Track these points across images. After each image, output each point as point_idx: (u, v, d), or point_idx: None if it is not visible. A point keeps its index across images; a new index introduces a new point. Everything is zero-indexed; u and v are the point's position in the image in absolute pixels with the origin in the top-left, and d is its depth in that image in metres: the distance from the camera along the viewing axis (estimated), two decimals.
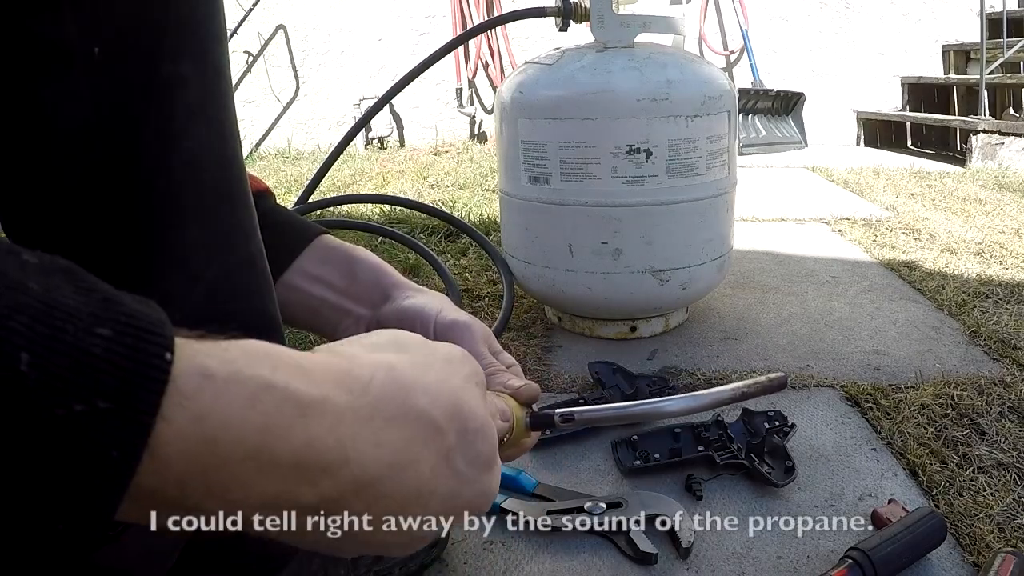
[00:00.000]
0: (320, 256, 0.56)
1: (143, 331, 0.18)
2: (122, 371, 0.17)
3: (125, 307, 0.18)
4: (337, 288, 0.55)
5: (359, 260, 0.56)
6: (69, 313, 0.17)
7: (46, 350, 0.16)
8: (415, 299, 0.53)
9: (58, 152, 0.37)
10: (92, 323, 0.17)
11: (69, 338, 0.16)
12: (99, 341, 0.17)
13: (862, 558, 0.62)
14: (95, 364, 0.16)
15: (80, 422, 0.16)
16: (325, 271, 0.55)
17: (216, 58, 0.42)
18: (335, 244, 0.57)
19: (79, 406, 0.16)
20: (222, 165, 0.43)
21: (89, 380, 0.16)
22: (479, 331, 0.50)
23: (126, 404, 0.17)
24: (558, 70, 1.11)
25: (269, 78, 3.98)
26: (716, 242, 1.16)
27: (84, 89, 0.36)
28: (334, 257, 0.56)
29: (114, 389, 0.16)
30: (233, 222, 0.44)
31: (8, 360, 0.15)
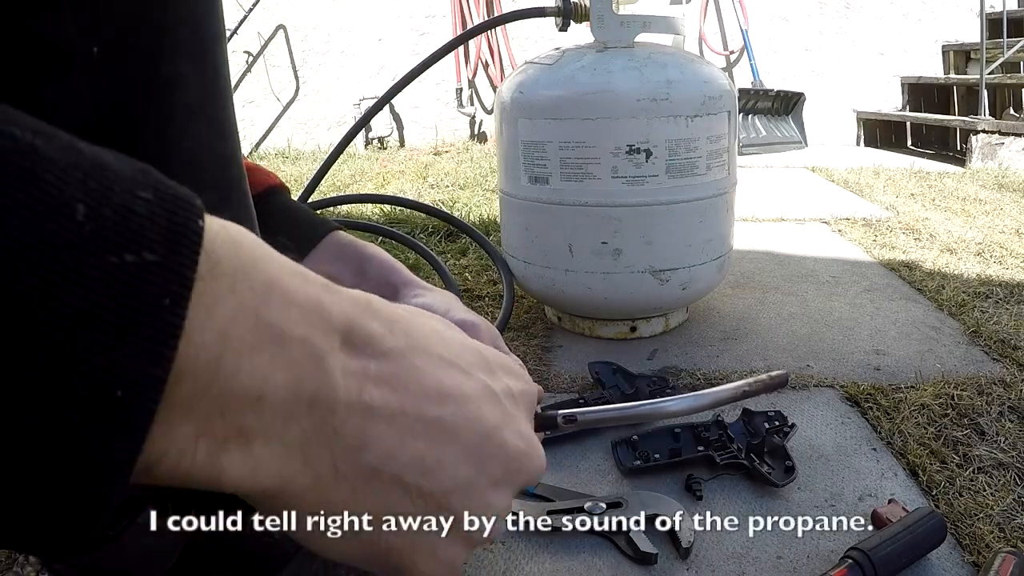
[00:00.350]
0: (331, 253, 0.56)
1: (179, 199, 0.19)
2: (164, 230, 0.18)
3: (162, 178, 0.19)
4: (347, 284, 0.55)
5: (370, 257, 0.56)
6: (116, 174, 0.18)
7: (99, 203, 0.17)
8: (424, 298, 0.53)
9: None
10: (135, 185, 0.18)
11: (116, 196, 0.17)
12: (142, 202, 0.18)
13: (862, 558, 0.62)
14: (141, 221, 0.18)
15: (131, 270, 0.17)
16: (335, 268, 0.55)
17: (215, 58, 0.42)
18: (347, 241, 0.57)
19: (129, 256, 0.17)
20: (222, 165, 0.43)
21: (136, 234, 0.17)
22: (487, 331, 0.50)
23: (170, 258, 0.18)
24: (558, 70, 1.11)
25: (269, 78, 3.98)
26: (716, 242, 1.16)
27: (84, 89, 0.36)
28: (345, 254, 0.56)
29: (159, 244, 0.18)
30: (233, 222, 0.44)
31: (67, 210, 0.16)
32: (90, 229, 0.17)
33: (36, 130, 0.17)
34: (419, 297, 0.53)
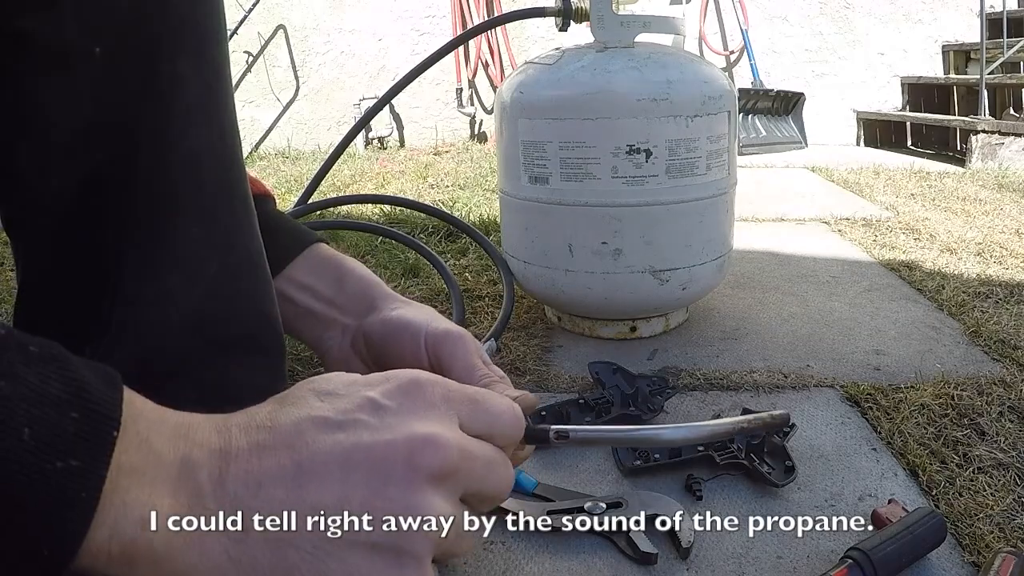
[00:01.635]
0: (310, 265, 0.56)
1: (101, 415, 0.26)
2: (85, 443, 0.25)
3: (92, 395, 0.26)
4: (323, 298, 0.55)
5: (348, 271, 0.56)
6: (55, 400, 0.25)
7: (39, 427, 0.24)
8: (402, 311, 0.53)
9: (59, 152, 0.37)
10: (68, 408, 0.25)
11: (52, 419, 0.25)
12: (70, 421, 0.25)
13: (862, 558, 0.62)
14: (69, 437, 0.25)
15: (61, 472, 0.24)
16: (313, 280, 0.55)
17: (215, 58, 0.42)
18: (327, 254, 0.57)
19: (60, 463, 0.24)
20: (222, 165, 0.43)
21: (66, 447, 0.25)
22: (472, 342, 0.50)
23: (90, 464, 0.25)
24: (558, 70, 1.11)
25: (269, 78, 3.98)
26: (716, 242, 1.16)
27: (85, 89, 0.36)
28: (324, 267, 0.56)
29: (81, 453, 0.25)
30: (233, 222, 0.44)
31: (16, 432, 0.24)
32: (32, 444, 0.24)
33: (2, 372, 0.24)
34: (396, 310, 0.53)
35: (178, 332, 0.41)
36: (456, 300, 1.18)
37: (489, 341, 1.11)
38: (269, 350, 0.47)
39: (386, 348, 0.52)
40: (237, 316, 0.44)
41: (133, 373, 0.39)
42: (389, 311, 0.53)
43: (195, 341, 0.42)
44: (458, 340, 0.49)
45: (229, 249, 0.43)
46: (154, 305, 0.40)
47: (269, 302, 0.47)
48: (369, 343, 0.53)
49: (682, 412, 0.97)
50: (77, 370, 0.26)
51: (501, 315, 1.17)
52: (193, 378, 0.42)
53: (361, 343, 0.53)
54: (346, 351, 0.54)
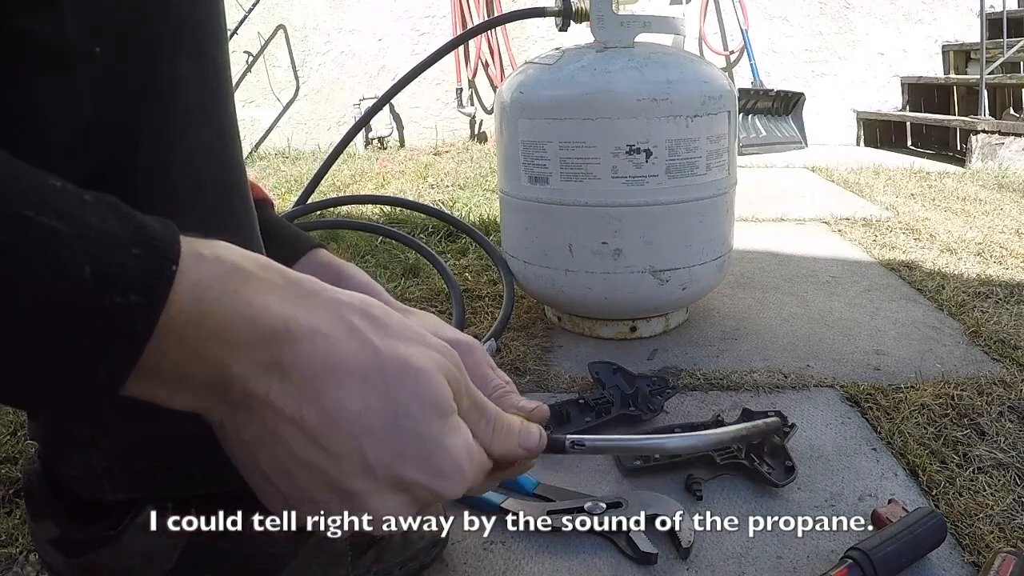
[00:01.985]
0: (310, 271, 0.55)
1: (161, 250, 0.27)
2: (146, 277, 0.27)
3: (150, 231, 0.27)
4: None
5: (348, 278, 0.55)
6: (113, 237, 0.26)
7: (100, 264, 0.25)
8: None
9: (59, 152, 0.37)
10: (128, 244, 0.26)
11: (114, 256, 0.26)
12: (131, 258, 0.26)
13: (862, 558, 0.62)
14: (130, 273, 0.26)
15: (121, 308, 0.26)
16: None
17: (216, 58, 0.42)
18: (326, 260, 0.56)
19: (119, 299, 0.26)
20: (222, 165, 0.43)
21: (126, 283, 0.26)
22: (479, 351, 0.50)
23: (148, 298, 0.27)
24: (558, 70, 1.11)
25: (269, 78, 3.98)
26: (716, 242, 1.16)
27: (85, 89, 0.36)
28: (323, 274, 0.55)
29: (141, 289, 0.26)
30: (233, 222, 0.44)
31: (78, 270, 0.25)
32: (93, 282, 0.25)
33: (60, 213, 0.25)
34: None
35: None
36: (456, 300, 1.18)
37: (489, 341, 1.11)
38: None
39: None
40: None
41: None
42: None
43: None
44: (467, 349, 0.49)
45: None
46: None
47: None
48: None
49: (682, 412, 0.97)
50: (134, 213, 0.28)
51: (501, 315, 1.17)
52: None
53: None
54: None
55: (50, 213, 0.25)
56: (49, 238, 0.25)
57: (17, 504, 0.76)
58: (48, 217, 0.25)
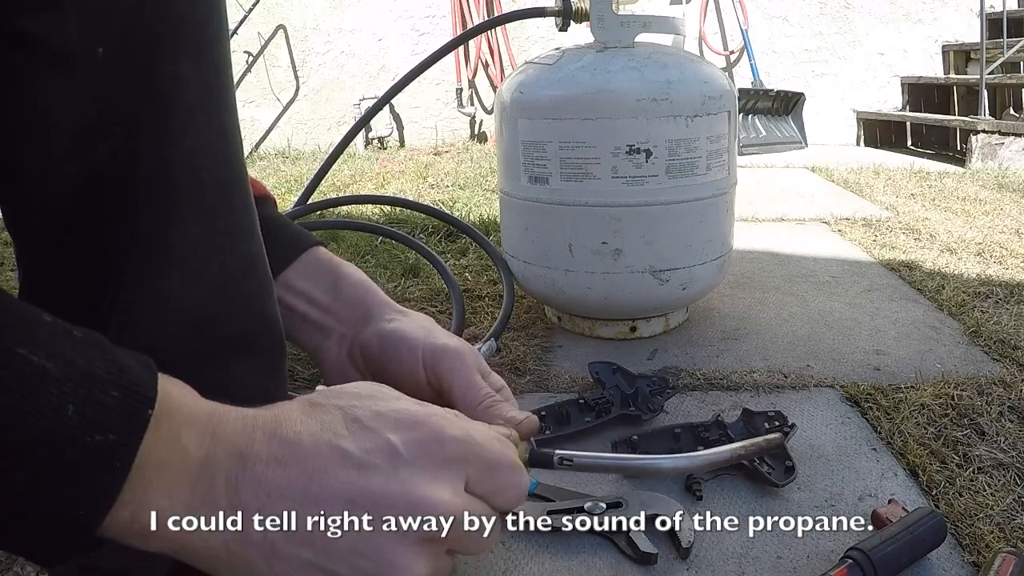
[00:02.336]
0: (307, 270, 0.55)
1: (139, 395, 0.29)
2: (124, 419, 0.28)
3: (131, 375, 0.29)
4: (320, 305, 0.54)
5: (344, 276, 0.55)
6: (98, 380, 0.28)
7: (83, 404, 0.27)
8: (399, 323, 0.52)
9: (59, 152, 0.37)
10: (109, 387, 0.28)
11: (96, 397, 0.28)
12: (112, 399, 0.28)
13: (862, 558, 0.62)
14: (109, 414, 0.28)
15: (99, 445, 0.27)
16: (309, 286, 0.55)
17: (216, 58, 0.42)
18: (324, 259, 0.56)
19: (99, 437, 0.27)
20: (223, 164, 0.43)
21: (106, 423, 0.28)
22: (470, 357, 0.49)
23: (126, 438, 0.28)
24: (558, 70, 1.11)
25: (269, 78, 3.98)
26: (716, 242, 1.16)
27: (86, 89, 0.36)
28: (320, 272, 0.55)
29: (119, 429, 0.28)
30: (233, 222, 0.44)
31: (62, 409, 0.27)
32: (76, 421, 0.27)
33: (50, 352, 0.27)
34: (393, 322, 0.52)
35: (178, 332, 0.41)
36: (456, 300, 1.18)
37: (489, 341, 1.11)
38: (269, 350, 0.47)
39: (383, 362, 0.51)
40: (237, 316, 0.44)
41: None
42: (386, 323, 0.52)
43: (195, 341, 0.42)
44: (456, 356, 0.49)
45: (229, 249, 0.43)
46: (154, 305, 0.40)
47: (269, 302, 0.47)
48: (366, 356, 0.52)
49: (682, 412, 0.97)
50: (118, 354, 0.29)
51: (501, 315, 1.17)
52: (193, 378, 0.42)
53: (358, 355, 0.53)
54: (343, 361, 0.54)
55: (40, 351, 0.27)
56: (39, 376, 0.26)
57: None
58: (38, 356, 0.27)
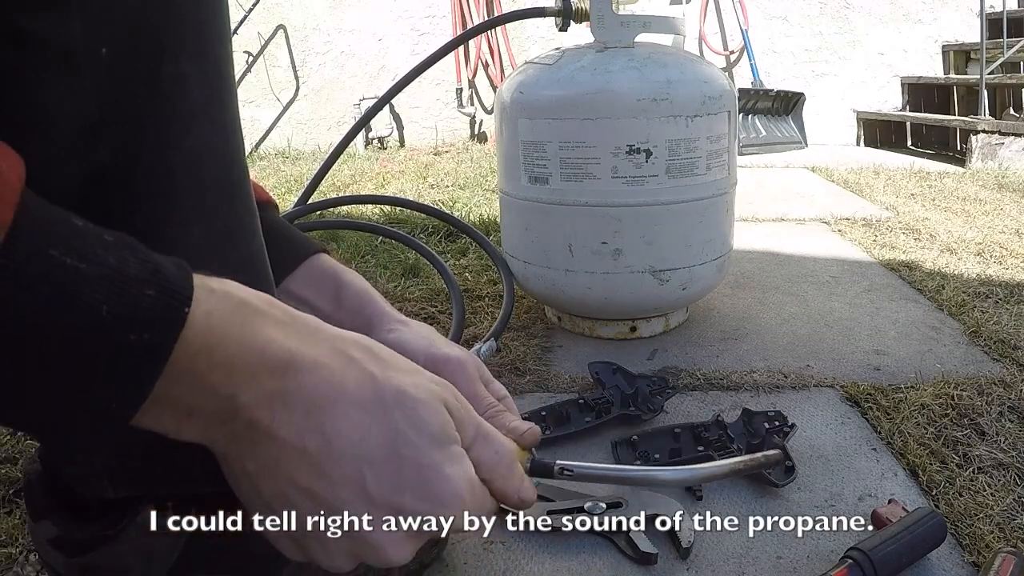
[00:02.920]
0: (308, 278, 0.55)
1: (175, 292, 0.29)
2: (159, 318, 0.28)
3: (165, 273, 0.29)
4: (321, 313, 0.54)
5: (346, 285, 0.55)
6: (131, 279, 0.28)
7: (117, 304, 0.27)
8: (400, 333, 0.52)
9: (62, 151, 0.37)
10: (144, 286, 0.28)
11: (131, 297, 0.27)
12: (146, 298, 0.28)
13: (862, 558, 0.62)
14: (145, 313, 0.28)
15: (136, 344, 0.28)
16: (311, 293, 0.55)
17: (218, 58, 0.42)
18: (326, 266, 0.56)
19: (134, 336, 0.27)
20: (224, 165, 0.43)
21: (141, 322, 0.28)
22: (472, 366, 0.50)
23: (161, 337, 0.28)
24: (558, 70, 1.11)
25: (269, 78, 3.98)
26: (716, 242, 1.16)
27: (89, 89, 0.36)
28: (323, 280, 0.55)
29: (155, 328, 0.28)
30: (234, 222, 0.44)
31: (96, 309, 0.27)
32: (110, 321, 0.27)
33: (82, 254, 0.27)
34: (394, 332, 0.52)
35: None
36: (456, 300, 1.18)
37: (489, 341, 1.11)
38: None
39: None
40: None
41: None
42: (387, 333, 0.52)
43: None
44: (459, 366, 0.49)
45: (230, 249, 0.43)
46: None
47: None
48: None
49: (682, 412, 0.97)
50: (151, 254, 0.29)
51: (501, 315, 1.17)
52: None
53: None
54: None
55: (73, 253, 0.27)
56: (71, 277, 0.26)
57: (17, 504, 0.76)
58: (71, 257, 0.26)
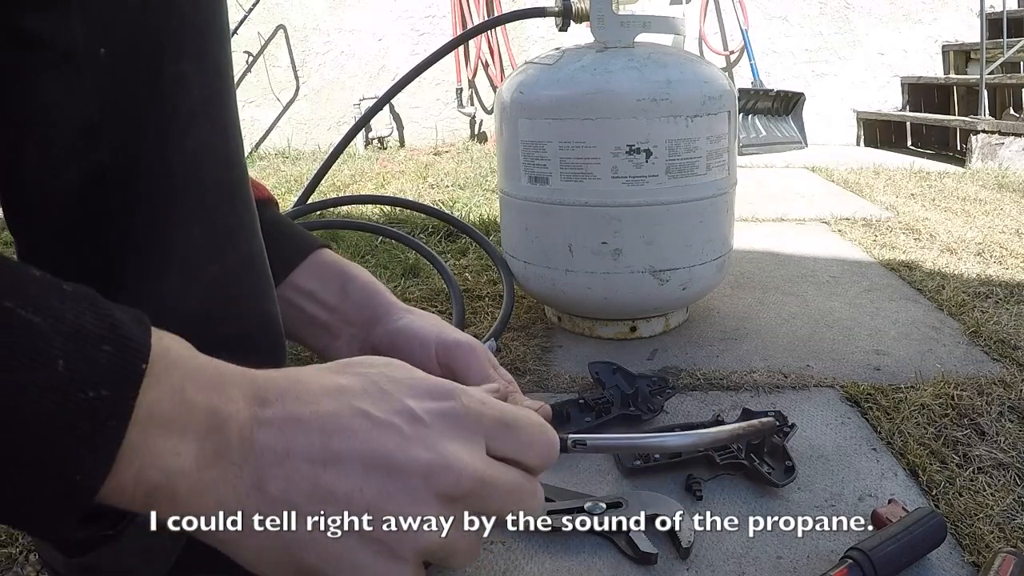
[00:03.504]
0: (314, 272, 0.55)
1: (132, 349, 0.27)
2: (116, 375, 0.27)
3: (123, 329, 0.28)
4: (328, 306, 0.55)
5: (352, 278, 0.56)
6: (88, 334, 0.26)
7: (73, 359, 0.26)
8: (409, 321, 0.53)
9: (62, 151, 0.37)
10: (101, 342, 0.27)
11: (87, 351, 0.26)
12: (104, 354, 0.27)
13: (862, 558, 0.62)
14: (101, 369, 0.26)
15: (92, 401, 0.26)
16: (317, 287, 0.55)
17: (218, 59, 0.42)
18: (331, 260, 0.56)
19: (91, 392, 0.26)
20: (224, 165, 0.43)
21: (97, 378, 0.26)
22: (483, 351, 0.50)
23: (119, 394, 0.27)
24: (558, 70, 1.11)
25: (269, 78, 3.98)
26: (716, 242, 1.16)
27: (90, 89, 0.36)
28: (328, 274, 0.56)
29: (111, 384, 0.26)
30: (234, 221, 0.44)
31: (52, 363, 0.25)
32: (66, 376, 0.25)
33: (38, 306, 0.26)
34: (402, 320, 0.53)
35: (178, 332, 0.41)
36: (456, 300, 1.18)
37: (489, 341, 1.11)
38: (269, 350, 0.47)
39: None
40: (237, 316, 0.44)
41: None
42: (396, 321, 0.53)
43: (195, 341, 0.42)
44: (470, 351, 0.50)
45: (230, 249, 0.43)
46: (154, 304, 0.40)
47: (269, 302, 0.47)
48: (377, 354, 0.53)
49: (682, 412, 0.97)
50: (110, 309, 0.28)
51: (501, 315, 1.17)
52: None
53: (369, 354, 0.53)
54: None
55: (28, 306, 0.26)
56: (27, 332, 0.25)
57: None
58: (26, 310, 0.25)
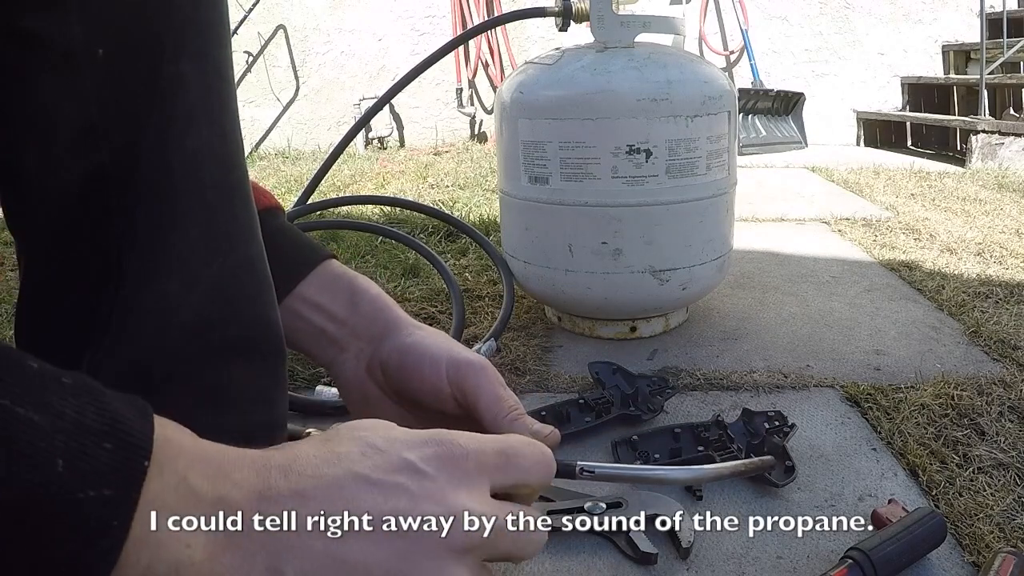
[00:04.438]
0: (322, 283, 0.55)
1: (133, 446, 0.27)
2: (118, 473, 0.26)
3: (125, 424, 0.27)
4: (337, 319, 0.54)
5: (362, 291, 0.55)
6: (89, 431, 0.26)
7: (73, 458, 0.25)
8: (418, 337, 0.52)
9: (61, 152, 0.37)
10: (102, 439, 0.26)
11: (88, 450, 0.25)
12: (104, 452, 0.26)
13: (862, 558, 0.62)
14: (102, 467, 0.26)
15: (94, 502, 0.25)
16: (326, 300, 0.54)
17: (218, 59, 0.42)
18: (339, 272, 0.56)
19: (92, 492, 0.25)
20: (223, 166, 0.43)
21: (99, 477, 0.25)
22: (493, 372, 0.50)
23: (122, 492, 0.26)
24: (558, 70, 1.11)
25: (269, 78, 3.98)
26: (716, 242, 1.16)
27: (89, 89, 0.36)
28: (337, 286, 0.55)
29: (113, 483, 0.26)
30: (234, 224, 0.44)
31: (51, 463, 0.24)
32: (67, 476, 0.25)
33: (37, 403, 0.25)
34: (411, 336, 0.52)
35: (177, 334, 0.41)
36: (456, 300, 1.18)
37: (489, 341, 1.11)
38: (268, 352, 0.47)
39: (404, 376, 0.51)
40: (236, 319, 0.44)
41: (132, 375, 0.39)
42: (405, 337, 0.52)
43: (194, 344, 0.42)
44: (481, 371, 0.49)
45: (229, 251, 0.43)
46: (153, 307, 0.40)
47: (268, 305, 0.47)
48: (386, 371, 0.52)
49: (682, 412, 0.97)
50: (110, 402, 0.27)
51: (501, 315, 1.17)
52: (192, 381, 0.42)
53: (377, 369, 0.53)
54: (361, 376, 0.53)
55: (27, 403, 0.25)
56: (24, 429, 0.24)
57: None
58: (24, 407, 0.25)
